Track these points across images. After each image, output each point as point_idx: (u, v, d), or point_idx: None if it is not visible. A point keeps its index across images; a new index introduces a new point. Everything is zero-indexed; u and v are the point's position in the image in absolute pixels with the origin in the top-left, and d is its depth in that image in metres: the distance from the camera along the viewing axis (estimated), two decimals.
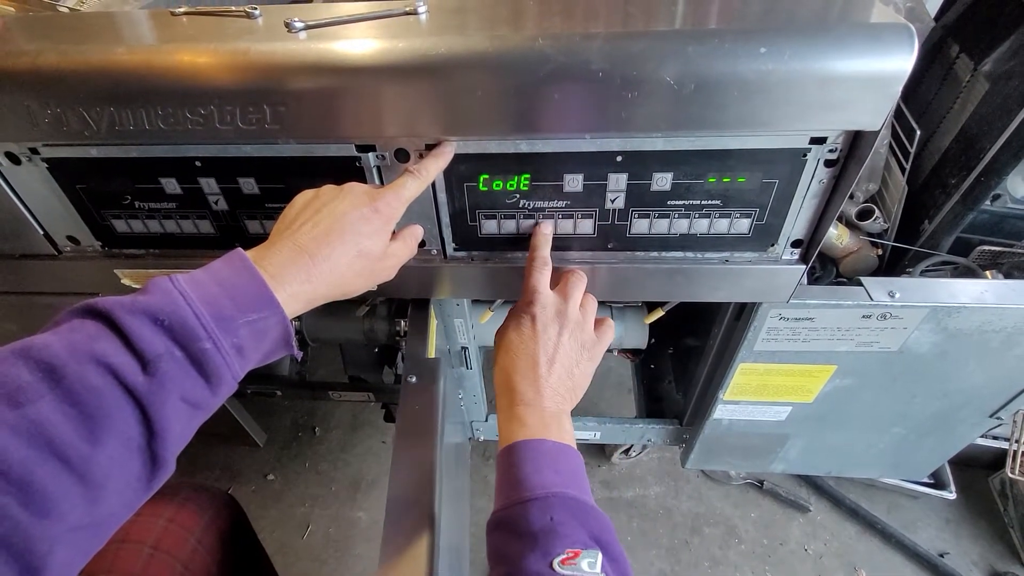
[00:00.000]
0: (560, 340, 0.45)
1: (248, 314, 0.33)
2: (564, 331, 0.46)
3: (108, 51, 0.42)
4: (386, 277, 0.44)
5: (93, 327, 0.30)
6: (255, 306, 0.33)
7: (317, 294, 0.38)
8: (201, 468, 1.15)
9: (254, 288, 0.34)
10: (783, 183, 0.46)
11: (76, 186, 0.51)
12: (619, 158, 0.45)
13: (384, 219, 0.41)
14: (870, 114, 0.39)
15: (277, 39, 0.41)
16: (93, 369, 0.28)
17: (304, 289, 0.36)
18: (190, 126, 0.43)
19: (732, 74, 0.38)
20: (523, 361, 0.45)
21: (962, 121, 0.66)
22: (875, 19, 0.38)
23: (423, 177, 0.43)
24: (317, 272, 0.37)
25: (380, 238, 0.41)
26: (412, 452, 0.49)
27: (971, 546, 1.01)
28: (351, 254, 0.39)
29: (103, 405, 0.28)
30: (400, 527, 0.45)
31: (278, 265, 0.36)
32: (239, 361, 0.33)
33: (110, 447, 0.28)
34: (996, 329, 0.58)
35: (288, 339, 0.36)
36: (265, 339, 0.35)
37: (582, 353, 0.46)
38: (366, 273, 0.41)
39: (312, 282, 0.37)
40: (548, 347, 0.45)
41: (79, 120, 0.43)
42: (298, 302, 0.37)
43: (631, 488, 1.10)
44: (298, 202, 0.41)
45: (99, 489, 0.28)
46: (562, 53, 0.38)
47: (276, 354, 0.37)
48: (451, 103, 0.41)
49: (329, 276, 0.38)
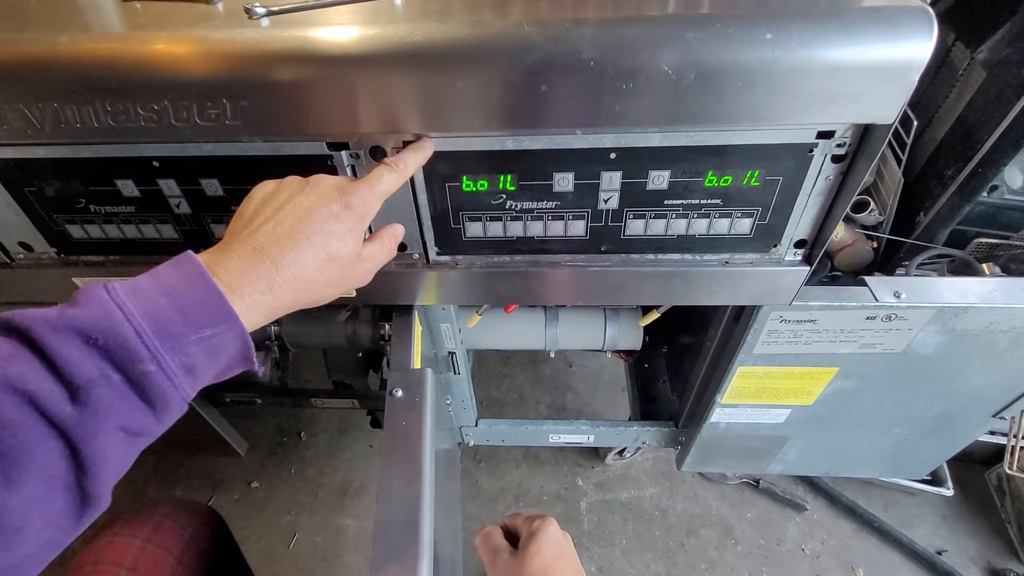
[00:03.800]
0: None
1: (201, 330, 0.29)
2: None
3: (49, 41, 0.38)
4: (360, 282, 0.39)
5: (8, 347, 0.25)
6: (209, 320, 0.29)
7: (281, 304, 0.33)
8: (181, 477, 1.11)
9: (209, 300, 0.29)
10: (787, 180, 0.43)
11: (24, 189, 0.47)
12: (613, 155, 0.42)
13: (357, 217, 0.36)
14: (883, 106, 0.36)
15: (236, 26, 0.37)
16: (8, 399, 0.24)
17: (265, 299, 0.32)
18: (143, 123, 0.39)
19: (735, 63, 0.35)
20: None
21: (958, 111, 0.64)
22: (889, 2, 0.35)
23: (400, 171, 0.39)
24: (281, 280, 0.32)
25: (352, 239, 0.36)
26: (400, 472, 0.46)
27: (968, 542, 1.00)
28: (320, 258, 0.34)
29: (20, 441, 0.24)
30: (390, 552, 0.42)
31: (236, 272, 0.31)
32: (189, 382, 0.29)
33: (29, 488, 0.24)
34: (1004, 329, 0.56)
35: (247, 354, 0.32)
36: (220, 356, 0.30)
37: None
38: (337, 279, 0.36)
39: (275, 291, 0.32)
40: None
41: (20, 118, 0.39)
42: (258, 314, 0.32)
43: (626, 489, 1.08)
44: (256, 196, 0.36)
45: (15, 534, 0.24)
46: (550, 40, 0.35)
47: (233, 371, 0.33)
48: (429, 96, 0.37)
49: (295, 283, 0.33)
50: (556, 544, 0.47)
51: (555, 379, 1.26)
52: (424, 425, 0.49)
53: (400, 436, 0.49)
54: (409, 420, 0.49)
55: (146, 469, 1.10)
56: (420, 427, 0.49)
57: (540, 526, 0.48)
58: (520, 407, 1.22)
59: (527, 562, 0.45)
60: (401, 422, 0.49)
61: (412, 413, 0.50)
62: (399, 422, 0.49)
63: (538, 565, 0.45)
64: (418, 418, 0.49)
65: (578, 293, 0.53)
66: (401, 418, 0.50)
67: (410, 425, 0.49)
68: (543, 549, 0.46)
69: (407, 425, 0.49)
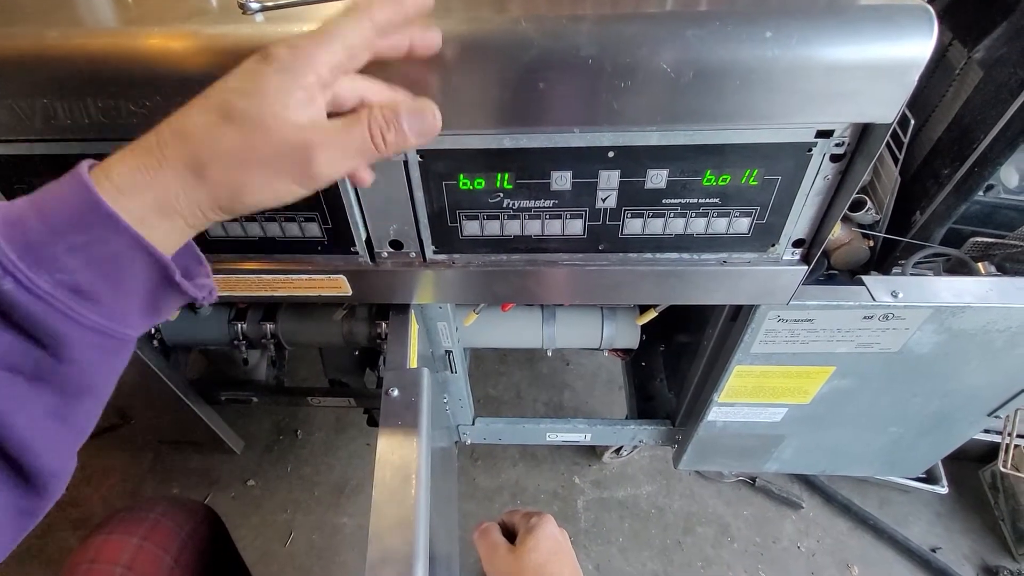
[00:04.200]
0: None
1: (69, 235, 0.23)
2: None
3: (39, 35, 0.37)
4: (314, 175, 0.27)
5: None
6: (77, 221, 0.23)
7: (197, 203, 0.25)
8: (177, 476, 1.10)
9: (72, 195, 0.23)
10: (786, 180, 0.43)
11: (14, 187, 0.46)
12: (611, 153, 0.42)
13: (277, 68, 0.26)
14: (883, 105, 0.36)
15: (230, 21, 0.37)
16: None
17: (170, 195, 0.25)
18: (135, 120, 0.38)
19: (735, 61, 0.34)
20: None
21: (955, 109, 0.64)
22: (889, 1, 0.35)
23: (368, 27, 0.28)
24: (162, 155, 0.25)
25: (266, 98, 0.25)
26: (396, 472, 0.46)
27: (962, 539, 1.01)
28: (212, 118, 0.25)
29: None
30: (386, 551, 0.42)
31: (132, 167, 0.25)
32: (86, 305, 0.23)
33: None
34: (1000, 329, 0.56)
35: (167, 274, 0.25)
36: (123, 274, 0.24)
37: None
38: (249, 156, 0.26)
39: (164, 171, 0.25)
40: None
41: (9, 114, 0.39)
42: (164, 216, 0.25)
43: (623, 488, 1.08)
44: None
45: None
46: (548, 37, 0.34)
47: (164, 301, 0.27)
48: (425, 92, 0.37)
49: (183, 158, 0.25)
50: (553, 541, 0.47)
51: (552, 377, 1.26)
52: (420, 425, 0.49)
53: (396, 436, 0.48)
54: (405, 420, 0.49)
55: (142, 467, 1.09)
56: (416, 427, 0.48)
57: (537, 523, 0.48)
58: (517, 405, 1.22)
59: (524, 558, 0.45)
60: (397, 422, 0.49)
61: (408, 413, 0.49)
62: (395, 422, 0.49)
63: (535, 561, 0.45)
64: (414, 418, 0.49)
65: (576, 292, 0.53)
66: (397, 418, 0.49)
67: (406, 425, 0.49)
68: (540, 545, 0.46)
69: (403, 425, 0.49)
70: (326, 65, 0.27)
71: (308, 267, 0.52)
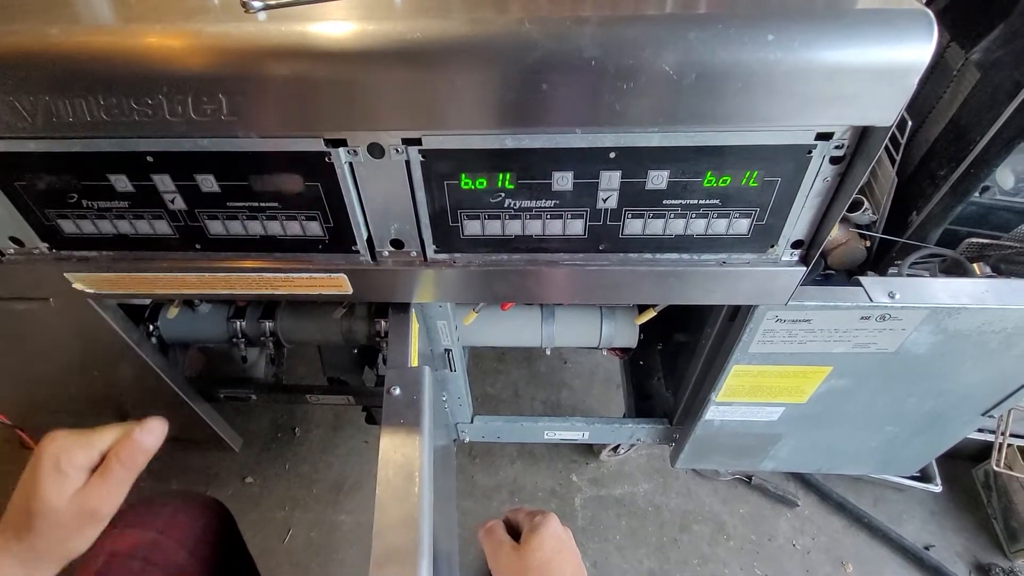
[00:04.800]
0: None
1: None
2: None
3: (41, 33, 0.37)
4: (108, 514, 0.39)
5: None
6: None
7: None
8: (176, 473, 1.10)
9: None
10: (785, 181, 0.43)
11: (14, 183, 0.46)
12: (612, 154, 0.42)
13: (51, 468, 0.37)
14: (882, 108, 0.36)
15: (232, 20, 0.37)
16: None
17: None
18: (137, 117, 0.38)
19: (737, 63, 0.34)
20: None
21: (952, 111, 0.64)
22: (889, 4, 0.35)
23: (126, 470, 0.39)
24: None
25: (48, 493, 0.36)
26: (399, 470, 0.46)
27: (955, 537, 1.02)
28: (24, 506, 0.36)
29: None
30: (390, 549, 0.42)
31: None
32: None
33: None
34: (996, 330, 0.56)
35: None
36: None
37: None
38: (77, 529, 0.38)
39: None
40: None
41: (11, 111, 0.39)
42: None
43: (620, 485, 1.09)
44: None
45: None
46: (551, 38, 0.34)
47: None
48: (428, 93, 0.37)
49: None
50: (557, 539, 0.47)
51: (550, 376, 1.26)
52: (422, 423, 0.49)
53: (399, 434, 0.48)
54: (407, 418, 0.49)
55: None
56: (418, 425, 0.49)
57: (542, 521, 0.48)
58: (515, 404, 1.22)
59: (528, 556, 0.46)
60: (399, 420, 0.49)
61: (410, 411, 0.50)
62: (397, 420, 0.49)
63: (539, 559, 0.45)
64: (416, 416, 0.49)
65: (576, 292, 0.53)
66: (399, 416, 0.49)
67: (408, 423, 0.49)
68: (544, 544, 0.46)
69: (405, 423, 0.49)
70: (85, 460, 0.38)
71: (309, 266, 0.52)
